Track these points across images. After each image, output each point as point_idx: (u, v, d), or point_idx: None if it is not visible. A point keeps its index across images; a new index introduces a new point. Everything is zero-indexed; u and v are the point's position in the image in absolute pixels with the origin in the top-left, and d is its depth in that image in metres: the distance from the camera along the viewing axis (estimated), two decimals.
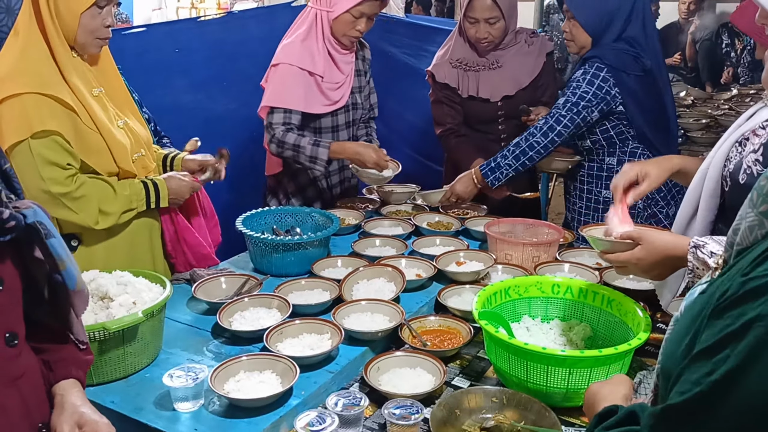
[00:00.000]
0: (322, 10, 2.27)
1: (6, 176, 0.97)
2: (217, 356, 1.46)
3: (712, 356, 0.65)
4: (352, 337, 1.52)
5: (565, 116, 2.15)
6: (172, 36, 2.82)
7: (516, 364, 1.28)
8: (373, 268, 1.83)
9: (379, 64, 2.93)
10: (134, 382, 1.37)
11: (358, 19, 2.24)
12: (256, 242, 1.89)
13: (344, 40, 2.30)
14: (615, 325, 1.45)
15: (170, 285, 1.48)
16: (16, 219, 0.88)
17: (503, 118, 2.54)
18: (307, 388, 1.34)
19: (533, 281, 1.56)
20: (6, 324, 0.93)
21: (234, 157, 2.38)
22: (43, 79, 1.53)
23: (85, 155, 1.61)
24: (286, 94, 2.27)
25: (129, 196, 1.70)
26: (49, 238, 0.92)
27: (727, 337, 0.65)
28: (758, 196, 0.72)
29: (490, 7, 2.34)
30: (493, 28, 2.37)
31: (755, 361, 0.62)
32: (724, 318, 0.67)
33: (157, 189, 1.76)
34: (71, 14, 1.56)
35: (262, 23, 3.05)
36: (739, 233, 0.75)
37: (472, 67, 2.50)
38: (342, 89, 2.38)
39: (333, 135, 2.41)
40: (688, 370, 0.68)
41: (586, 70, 2.16)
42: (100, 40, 1.64)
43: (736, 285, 0.67)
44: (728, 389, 0.63)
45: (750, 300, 0.65)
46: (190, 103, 2.79)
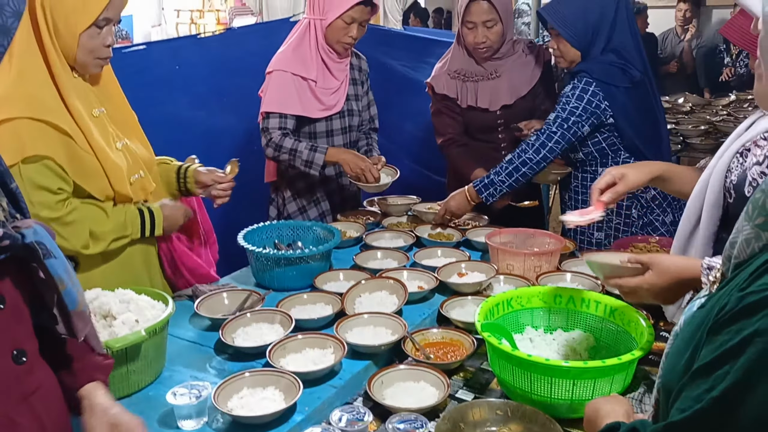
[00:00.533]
0: (316, 19, 2.35)
1: (12, 195, 0.98)
2: (220, 373, 1.46)
3: (712, 372, 0.65)
4: (355, 351, 1.52)
5: (556, 132, 2.16)
6: (173, 53, 2.84)
7: (520, 376, 1.28)
8: (375, 280, 1.83)
9: (378, 76, 2.94)
10: (138, 401, 1.36)
11: (349, 25, 2.31)
12: (258, 257, 1.89)
13: (338, 47, 2.37)
14: (618, 335, 1.44)
15: (172, 302, 1.48)
16: (11, 238, 0.88)
17: (503, 127, 2.55)
18: (311, 403, 1.34)
19: (535, 292, 1.56)
20: (12, 342, 0.93)
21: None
22: (39, 103, 1.52)
23: (80, 179, 1.59)
24: (281, 99, 2.34)
25: (123, 222, 1.67)
26: (48, 258, 0.92)
27: (726, 353, 0.65)
28: (754, 209, 0.73)
29: (488, 10, 2.37)
30: (490, 32, 2.40)
31: (755, 376, 0.62)
32: (722, 333, 0.67)
33: (153, 217, 1.74)
34: (70, 34, 1.55)
35: (262, 39, 3.07)
36: (736, 246, 0.75)
37: (470, 78, 2.52)
38: (337, 95, 2.43)
39: (328, 140, 2.45)
40: (688, 387, 0.68)
41: (575, 84, 2.18)
42: (100, 60, 1.63)
43: (734, 300, 0.67)
44: (729, 405, 0.63)
45: (748, 315, 0.65)
46: (191, 118, 2.81)
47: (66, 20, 1.54)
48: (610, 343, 1.46)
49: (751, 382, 0.62)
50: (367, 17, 2.35)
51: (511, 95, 2.50)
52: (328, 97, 2.41)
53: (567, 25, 2.20)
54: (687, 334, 0.76)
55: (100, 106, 1.68)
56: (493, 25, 2.40)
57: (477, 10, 2.38)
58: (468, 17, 2.41)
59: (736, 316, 0.66)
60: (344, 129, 2.49)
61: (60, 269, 0.94)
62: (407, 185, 2.69)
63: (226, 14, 9.93)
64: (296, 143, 2.31)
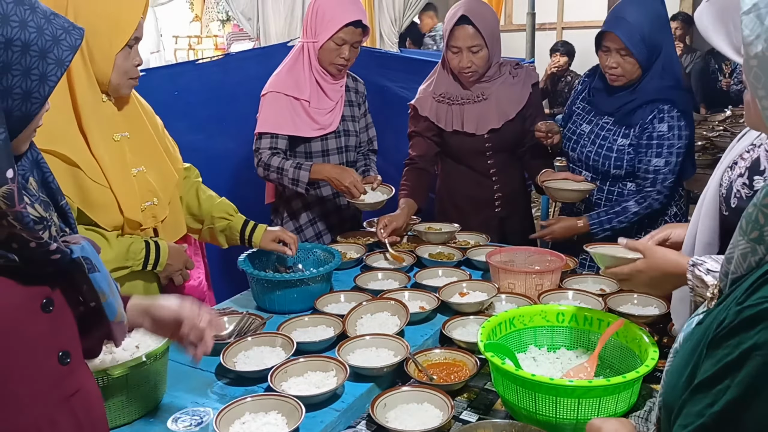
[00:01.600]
0: (309, 42, 2.39)
1: (62, 212, 1.03)
2: (222, 398, 1.45)
3: (713, 387, 0.65)
4: (358, 374, 1.51)
5: (670, 177, 2.20)
6: (171, 79, 2.86)
7: (524, 396, 1.27)
8: (377, 302, 1.83)
9: (376, 98, 2.97)
10: (139, 428, 1.35)
11: (341, 47, 2.34)
12: (258, 280, 1.88)
13: (331, 69, 2.40)
14: (622, 352, 1.43)
15: None
16: (62, 253, 0.94)
17: (491, 152, 2.52)
18: (314, 428, 1.33)
19: (538, 310, 1.56)
20: (59, 343, 0.98)
21: (234, 195, 2.38)
22: (50, 132, 1.49)
23: (87, 209, 1.59)
24: (273, 119, 2.37)
25: (125, 253, 1.65)
26: (93, 272, 0.98)
27: (726, 368, 0.65)
28: (747, 224, 0.73)
29: (473, 36, 2.36)
30: (476, 57, 2.38)
31: (755, 390, 0.61)
32: (722, 348, 0.66)
33: (158, 254, 1.71)
34: (106, 57, 1.56)
35: (260, 64, 3.10)
36: (732, 262, 0.75)
37: (456, 101, 2.50)
38: (332, 114, 2.45)
39: (323, 159, 2.46)
40: (690, 403, 0.68)
41: (671, 124, 2.18)
42: (132, 80, 1.64)
43: (732, 314, 0.67)
44: (731, 420, 0.62)
45: (746, 329, 0.65)
46: (191, 143, 2.81)
47: (101, 43, 1.55)
48: (614, 361, 1.45)
49: (751, 396, 0.61)
50: (359, 39, 2.37)
51: (498, 119, 2.47)
52: (323, 117, 2.43)
53: (637, 42, 2.12)
54: (686, 351, 0.76)
55: (124, 131, 1.68)
56: (479, 50, 2.38)
57: (462, 35, 2.36)
58: (453, 42, 2.39)
59: (735, 330, 0.66)
60: (340, 149, 2.50)
61: (103, 283, 1.00)
62: None
63: (224, 40, 10.03)
64: (283, 162, 2.32)
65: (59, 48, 0.89)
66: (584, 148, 2.32)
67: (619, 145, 2.24)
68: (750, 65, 0.72)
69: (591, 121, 2.34)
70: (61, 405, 0.99)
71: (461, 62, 2.40)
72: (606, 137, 2.27)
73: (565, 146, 2.44)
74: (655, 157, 2.19)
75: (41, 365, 0.96)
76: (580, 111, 2.41)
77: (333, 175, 2.29)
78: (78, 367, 1.03)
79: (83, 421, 1.02)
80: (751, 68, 0.72)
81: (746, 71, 0.73)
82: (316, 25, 2.36)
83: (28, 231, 0.88)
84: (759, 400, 0.61)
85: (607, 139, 2.27)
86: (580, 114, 2.40)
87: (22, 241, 0.89)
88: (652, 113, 2.20)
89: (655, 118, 2.20)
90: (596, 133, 2.30)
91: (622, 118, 2.26)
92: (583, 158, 2.33)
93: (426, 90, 2.57)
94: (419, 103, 2.56)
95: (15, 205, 0.86)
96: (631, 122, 2.24)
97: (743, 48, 0.72)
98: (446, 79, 2.53)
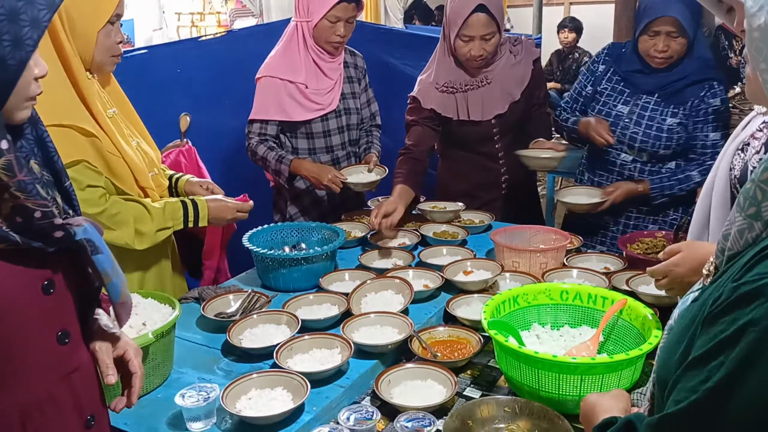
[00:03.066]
0: (303, 21, 2.35)
1: (66, 193, 1.03)
2: (228, 374, 1.46)
3: (707, 363, 0.65)
4: (362, 351, 1.52)
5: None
6: (174, 56, 2.84)
7: (527, 373, 1.28)
8: (381, 280, 1.84)
9: (380, 75, 2.94)
10: (146, 404, 1.37)
11: (335, 24, 2.30)
12: (263, 258, 1.89)
13: (327, 47, 2.36)
14: (625, 330, 1.44)
15: (179, 305, 1.48)
16: (65, 231, 0.94)
17: (498, 136, 2.47)
18: (319, 403, 1.34)
19: (542, 288, 1.56)
20: (59, 323, 1.00)
21: (238, 175, 2.38)
22: (63, 108, 1.53)
23: (112, 178, 1.64)
24: (264, 105, 2.38)
25: (164, 214, 1.71)
26: (96, 254, 0.98)
27: (720, 344, 0.65)
28: (745, 200, 0.73)
29: (487, 23, 2.25)
30: (488, 44, 2.29)
31: (750, 367, 0.61)
32: (717, 324, 0.66)
33: (197, 209, 1.78)
34: (88, 34, 1.56)
35: (262, 40, 3.07)
36: (729, 238, 0.75)
37: (459, 89, 2.40)
38: (331, 94, 2.42)
39: (325, 140, 2.44)
40: (683, 378, 0.68)
41: (723, 98, 2.16)
42: (115, 57, 1.65)
43: (727, 291, 0.67)
44: (724, 396, 0.63)
45: (742, 305, 0.64)
46: (194, 121, 2.81)
47: (83, 20, 1.55)
48: (617, 339, 1.46)
49: (745, 372, 0.61)
50: (353, 14, 2.33)
51: (504, 102, 2.41)
52: (322, 97, 2.40)
53: (689, 21, 2.08)
54: (681, 328, 0.76)
55: (112, 107, 1.71)
56: (491, 37, 2.28)
57: (476, 24, 2.24)
58: (466, 31, 2.26)
59: (731, 307, 0.66)
60: (341, 128, 2.48)
61: (106, 264, 1.00)
62: None
63: (227, 16, 9.94)
64: (267, 152, 2.34)
65: (33, 7, 0.84)
66: (626, 129, 2.22)
67: (669, 125, 2.19)
68: (753, 37, 0.70)
69: (627, 101, 2.24)
70: (61, 382, 1.01)
71: (473, 51, 2.29)
72: (653, 117, 2.20)
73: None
74: (712, 132, 2.17)
75: (41, 344, 0.97)
76: (611, 92, 2.31)
77: (311, 174, 2.30)
78: (77, 347, 1.05)
79: (82, 398, 1.04)
80: (753, 40, 0.70)
81: (748, 44, 0.72)
82: (308, 4, 2.31)
83: (33, 199, 0.88)
84: (752, 376, 0.61)
85: (654, 119, 2.20)
86: (611, 95, 2.30)
87: (27, 212, 0.88)
88: (704, 90, 2.16)
89: (707, 94, 2.17)
90: (638, 114, 2.22)
91: (669, 97, 2.20)
92: (626, 139, 2.23)
93: (427, 81, 2.44)
94: (421, 95, 2.43)
95: (16, 174, 0.86)
96: (681, 100, 2.19)
97: (746, 20, 0.71)
98: (448, 67, 2.40)
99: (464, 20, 2.25)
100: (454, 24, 2.29)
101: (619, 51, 2.33)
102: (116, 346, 1.10)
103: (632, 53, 2.26)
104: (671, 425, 0.67)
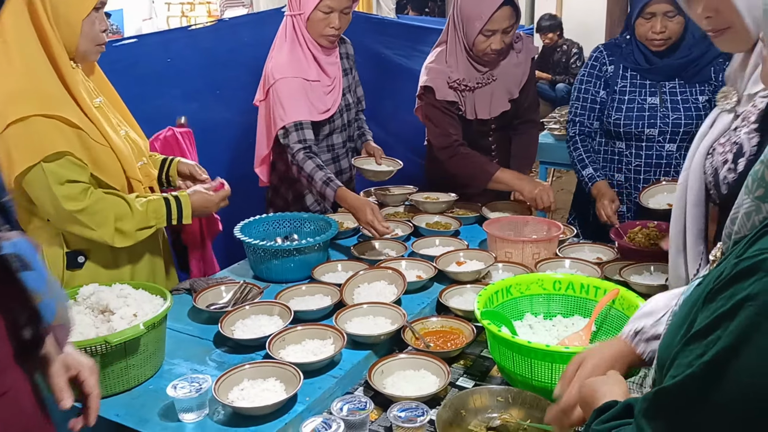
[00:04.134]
0: (295, 15, 2.25)
1: (3, 208, 0.97)
2: (220, 365, 1.46)
3: (705, 338, 0.65)
4: (355, 341, 1.52)
5: None
6: (164, 46, 2.81)
7: (520, 363, 1.28)
8: (374, 271, 1.83)
9: (372, 65, 2.92)
10: (138, 395, 1.36)
11: (329, 15, 2.18)
12: (255, 249, 1.88)
13: (323, 41, 2.25)
14: (618, 320, 1.44)
15: (170, 296, 1.47)
16: None
17: (493, 131, 2.45)
18: (312, 394, 1.34)
19: (534, 279, 1.56)
20: None
21: (230, 165, 2.36)
22: (49, 98, 1.51)
23: (97, 170, 1.61)
24: (295, 108, 2.19)
25: (146, 213, 1.67)
26: (24, 270, 0.92)
27: (718, 319, 0.64)
28: (753, 182, 0.72)
29: (510, 16, 2.18)
30: (507, 37, 2.24)
31: (746, 341, 0.61)
32: (716, 301, 0.66)
33: (180, 206, 1.73)
34: (72, 23, 1.54)
35: (253, 29, 3.04)
36: (736, 222, 0.75)
37: (469, 86, 2.35)
38: (333, 93, 2.34)
39: (329, 138, 2.39)
40: (681, 354, 0.68)
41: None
42: (99, 46, 1.64)
43: (729, 267, 0.67)
44: (720, 370, 0.62)
45: (741, 280, 0.64)
46: (184, 111, 2.78)
47: (67, 8, 1.53)
48: (610, 329, 1.46)
49: (741, 346, 0.61)
50: (348, 4, 2.22)
51: (506, 100, 2.38)
52: (326, 97, 2.31)
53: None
54: (683, 311, 0.76)
55: (98, 96, 1.69)
56: (511, 30, 2.22)
57: (501, 17, 2.17)
58: (491, 25, 2.17)
59: (730, 282, 0.65)
60: (343, 126, 2.41)
61: (37, 283, 0.93)
62: (403, 175, 2.66)
63: (217, 6, 9.86)
64: (315, 170, 2.13)
65: None
66: (668, 118, 2.19)
67: (702, 103, 2.17)
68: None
69: (654, 92, 2.21)
70: None
71: (493, 45, 2.21)
72: (686, 99, 2.18)
73: (635, 126, 2.24)
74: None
75: None
76: (633, 87, 2.25)
77: (353, 208, 2.07)
78: (7, 369, 0.96)
79: (11, 423, 0.96)
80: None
81: (765, 25, 0.72)
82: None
83: None
84: (748, 350, 0.61)
85: (688, 101, 2.18)
86: (634, 90, 2.24)
87: None
88: (724, 62, 2.14)
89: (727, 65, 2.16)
90: (671, 100, 2.19)
91: (692, 77, 2.18)
92: (669, 128, 2.19)
93: (440, 73, 2.32)
94: (436, 85, 2.31)
95: None
96: (705, 78, 2.17)
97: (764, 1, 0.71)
98: (464, 63, 2.31)
99: (490, 15, 2.16)
100: (478, 19, 2.19)
101: (619, 48, 2.28)
102: (69, 366, 1.05)
103: (630, 45, 2.23)
104: (666, 399, 0.67)
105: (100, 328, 1.37)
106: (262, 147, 2.39)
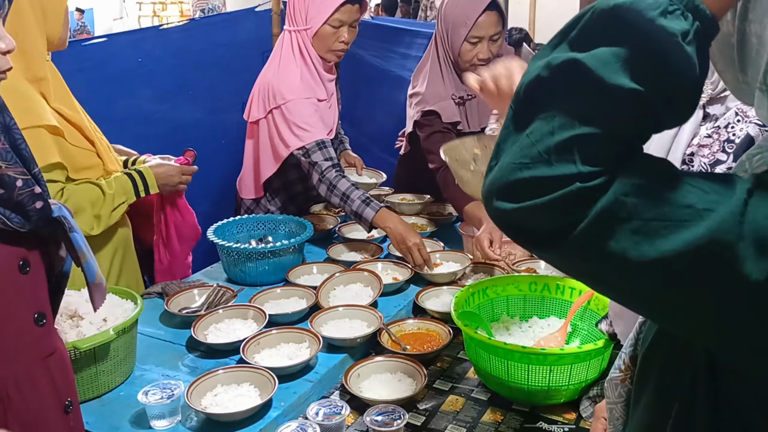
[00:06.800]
0: (299, 30, 2.13)
1: (36, 179, 1.01)
2: (193, 371, 1.43)
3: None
4: (331, 345, 1.50)
5: None
6: (134, 45, 2.76)
7: (497, 364, 1.28)
8: (350, 273, 1.82)
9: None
10: (109, 401, 1.33)
11: (338, 30, 2.07)
12: (229, 252, 1.85)
13: (330, 57, 2.13)
14: (593, 320, 1.45)
15: (141, 300, 1.44)
16: (45, 201, 0.93)
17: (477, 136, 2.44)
18: (287, 398, 1.32)
19: (510, 280, 1.57)
20: (35, 305, 1.00)
21: (203, 166, 2.31)
22: (31, 109, 1.46)
23: (75, 174, 1.58)
24: (316, 127, 2.08)
25: (114, 193, 1.66)
26: (72, 232, 0.99)
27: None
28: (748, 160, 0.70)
29: (496, 23, 2.10)
30: (495, 45, 2.16)
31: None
32: None
33: (144, 178, 1.73)
34: (57, 12, 1.53)
35: (226, 29, 3.01)
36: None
37: (464, 99, 2.26)
38: (332, 110, 2.26)
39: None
40: None
41: None
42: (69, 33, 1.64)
43: None
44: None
45: None
46: (156, 112, 2.74)
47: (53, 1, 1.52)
48: (587, 329, 1.47)
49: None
50: (357, 17, 2.13)
51: (491, 108, 2.23)
52: (327, 114, 2.22)
53: None
54: None
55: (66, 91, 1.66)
56: (499, 37, 2.13)
57: (487, 24, 2.09)
58: (476, 32, 2.09)
59: None
60: (333, 140, 2.32)
61: (81, 243, 1.01)
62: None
63: (190, 6, 9.76)
64: (351, 189, 2.00)
65: None
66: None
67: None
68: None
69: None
70: (39, 364, 1.01)
71: (480, 54, 2.11)
72: None
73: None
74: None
75: (19, 325, 0.97)
76: None
77: (396, 233, 1.91)
78: (51, 330, 1.04)
79: (58, 382, 1.04)
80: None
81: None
82: (306, 9, 2.07)
83: (14, 167, 0.88)
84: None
85: None
86: None
87: (9, 181, 0.88)
88: None
89: None
90: None
91: None
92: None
93: (441, 93, 2.22)
94: (441, 109, 2.21)
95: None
96: None
97: None
98: (454, 78, 2.21)
99: (475, 20, 2.08)
100: (463, 25, 2.11)
101: None
102: None
103: None
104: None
105: (68, 334, 1.32)
106: (267, 165, 2.23)
